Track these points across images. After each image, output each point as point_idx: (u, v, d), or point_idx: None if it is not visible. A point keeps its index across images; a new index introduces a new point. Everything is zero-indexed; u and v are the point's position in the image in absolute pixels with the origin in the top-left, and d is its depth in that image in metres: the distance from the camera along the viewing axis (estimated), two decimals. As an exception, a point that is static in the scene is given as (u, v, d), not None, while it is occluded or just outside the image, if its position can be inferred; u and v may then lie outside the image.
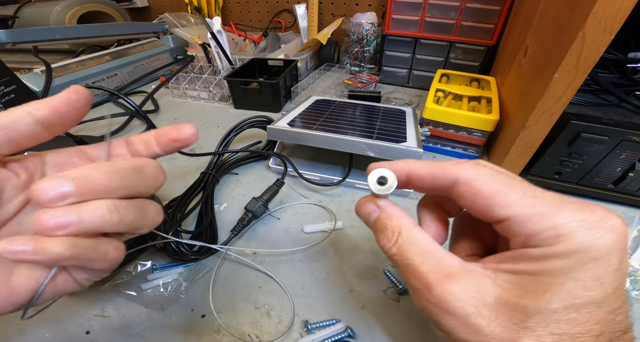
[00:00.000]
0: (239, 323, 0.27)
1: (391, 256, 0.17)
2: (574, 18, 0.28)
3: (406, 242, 0.16)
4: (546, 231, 0.13)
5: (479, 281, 0.14)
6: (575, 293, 0.12)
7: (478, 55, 0.65)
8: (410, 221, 0.17)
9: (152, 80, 0.77)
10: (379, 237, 0.17)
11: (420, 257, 0.15)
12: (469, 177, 0.15)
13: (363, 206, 0.19)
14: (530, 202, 0.14)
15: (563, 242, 0.13)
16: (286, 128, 0.40)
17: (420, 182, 0.17)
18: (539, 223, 0.13)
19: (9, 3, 0.93)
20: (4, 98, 0.38)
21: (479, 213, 0.15)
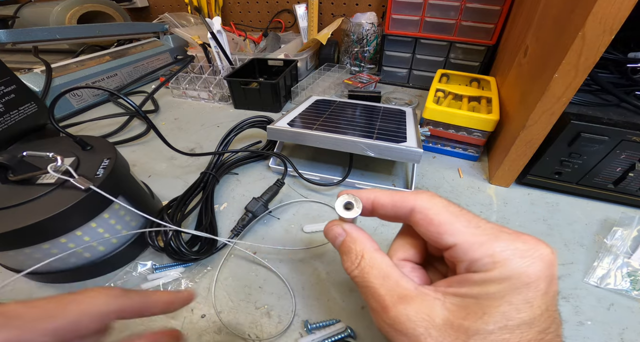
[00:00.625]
0: (239, 323, 0.27)
1: (353, 277, 0.18)
2: (574, 18, 0.28)
3: (368, 265, 0.17)
4: (485, 258, 0.15)
5: (429, 303, 0.15)
6: (509, 315, 0.14)
7: (478, 55, 0.65)
8: (372, 244, 0.18)
9: (152, 80, 0.77)
10: (344, 259, 0.19)
11: (379, 280, 0.17)
12: (423, 206, 0.17)
13: (330, 230, 0.20)
14: (473, 232, 0.16)
15: (498, 269, 0.14)
16: (286, 128, 0.40)
17: (383, 209, 0.19)
18: (478, 251, 0.15)
19: (9, 3, 0.93)
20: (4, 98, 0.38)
21: (431, 239, 0.17)
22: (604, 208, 0.38)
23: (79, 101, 0.62)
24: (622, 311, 0.28)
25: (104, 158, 0.30)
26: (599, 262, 0.31)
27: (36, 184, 0.27)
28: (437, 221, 0.17)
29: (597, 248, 0.33)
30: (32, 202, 0.25)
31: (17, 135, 0.40)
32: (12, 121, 0.38)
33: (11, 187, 0.26)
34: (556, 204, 0.39)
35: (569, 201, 0.40)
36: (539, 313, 0.14)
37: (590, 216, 0.38)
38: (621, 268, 0.30)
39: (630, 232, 0.33)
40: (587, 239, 0.35)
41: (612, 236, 0.33)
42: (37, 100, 0.41)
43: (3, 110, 0.37)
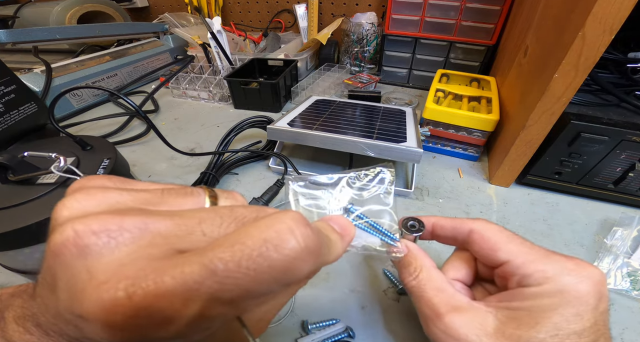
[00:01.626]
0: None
1: (410, 287, 0.20)
2: (574, 18, 0.28)
3: (425, 278, 0.20)
4: (537, 273, 0.17)
5: (482, 315, 0.17)
6: (560, 325, 0.15)
7: (478, 55, 0.65)
8: (431, 262, 0.21)
9: (152, 80, 0.77)
10: (403, 272, 0.21)
11: (434, 291, 0.19)
12: (480, 228, 0.20)
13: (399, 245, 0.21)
14: (526, 251, 0.18)
15: (550, 284, 0.16)
16: (286, 128, 0.40)
17: (442, 231, 0.22)
18: (531, 266, 0.17)
19: (9, 3, 0.93)
20: (4, 98, 0.38)
21: (485, 257, 0.19)
22: (604, 208, 0.38)
23: (79, 101, 0.62)
24: (622, 311, 0.28)
25: (104, 158, 0.30)
26: (599, 263, 0.31)
27: (36, 184, 0.26)
28: (493, 241, 0.19)
29: (597, 248, 0.33)
30: (32, 202, 0.25)
31: (17, 135, 0.40)
32: (12, 121, 0.38)
33: (11, 187, 0.26)
34: (556, 204, 0.39)
35: (569, 201, 0.40)
36: (588, 325, 0.15)
37: (590, 216, 0.38)
38: (621, 268, 0.30)
39: (630, 232, 0.33)
40: (587, 239, 0.35)
41: (612, 236, 0.33)
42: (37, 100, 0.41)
43: (3, 110, 0.37)
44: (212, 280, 0.10)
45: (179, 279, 0.10)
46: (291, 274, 0.11)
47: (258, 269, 0.10)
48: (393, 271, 0.30)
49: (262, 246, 0.11)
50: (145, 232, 0.11)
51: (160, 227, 0.11)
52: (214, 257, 0.10)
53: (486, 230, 0.20)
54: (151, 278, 0.10)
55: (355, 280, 0.30)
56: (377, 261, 0.32)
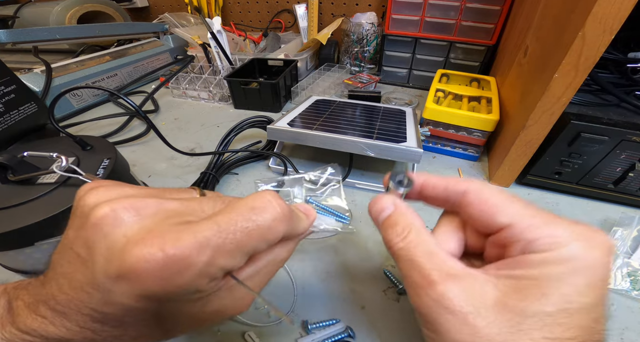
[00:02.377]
0: (239, 323, 0.27)
1: (397, 250, 0.17)
2: (574, 18, 0.28)
3: (414, 240, 0.17)
4: (544, 238, 0.14)
5: (480, 284, 0.15)
6: (570, 298, 0.13)
7: (478, 55, 0.65)
8: (421, 222, 0.18)
9: (152, 80, 0.77)
10: (388, 232, 0.18)
11: (426, 255, 0.16)
12: (477, 188, 0.17)
13: (377, 202, 0.19)
14: (530, 213, 0.15)
15: (559, 250, 0.14)
16: (286, 128, 0.40)
17: (433, 190, 0.19)
18: (538, 231, 0.15)
19: (9, 3, 0.93)
20: (4, 98, 0.38)
21: (482, 221, 0.17)
22: (604, 208, 0.38)
23: (79, 101, 0.62)
24: (622, 311, 0.28)
25: (104, 158, 0.30)
26: (599, 262, 0.31)
27: (36, 183, 0.26)
28: (492, 202, 0.16)
29: (597, 248, 0.33)
30: (32, 202, 0.25)
31: (17, 135, 0.40)
32: (12, 121, 0.38)
33: (11, 187, 0.26)
34: (556, 204, 0.39)
35: (569, 201, 0.40)
36: (598, 299, 0.13)
37: (590, 216, 0.38)
38: (621, 268, 0.30)
39: (630, 232, 0.33)
40: (587, 239, 0.34)
41: (612, 236, 0.33)
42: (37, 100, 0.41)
43: (3, 110, 0.37)
44: (217, 236, 0.13)
45: (194, 236, 0.13)
46: (272, 232, 0.15)
47: (249, 227, 0.14)
48: (393, 271, 0.30)
49: (250, 211, 0.15)
50: (162, 209, 0.14)
51: (171, 206, 0.15)
52: (217, 220, 0.14)
53: (484, 190, 0.17)
54: (174, 236, 0.13)
55: (355, 280, 0.30)
56: (377, 261, 0.32)
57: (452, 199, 0.18)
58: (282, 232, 0.16)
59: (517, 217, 0.15)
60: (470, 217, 0.17)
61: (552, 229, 0.15)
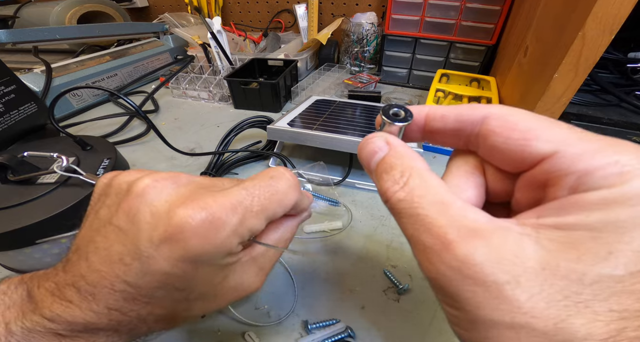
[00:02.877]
0: (239, 323, 0.27)
1: (396, 202, 0.12)
2: (574, 18, 0.28)
3: (418, 186, 0.12)
4: (608, 167, 0.10)
5: (515, 240, 0.10)
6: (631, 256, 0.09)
7: (478, 55, 0.65)
8: (425, 164, 0.13)
9: (152, 80, 0.77)
10: (383, 179, 0.13)
11: (436, 207, 0.11)
12: (502, 112, 0.13)
13: (368, 142, 0.15)
14: (580, 137, 0.11)
15: (629, 183, 0.09)
16: (286, 128, 0.40)
17: (442, 121, 0.14)
18: (595, 158, 0.10)
19: (9, 3, 0.93)
20: (4, 98, 0.38)
21: (513, 151, 0.12)
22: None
23: (79, 101, 0.62)
24: (622, 311, 0.28)
25: (104, 158, 0.30)
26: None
27: (36, 183, 0.27)
28: (524, 126, 0.12)
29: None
30: (32, 202, 0.25)
31: (17, 135, 0.40)
32: (12, 121, 0.38)
33: (11, 187, 0.26)
34: (556, 204, 0.39)
35: (569, 201, 0.40)
36: None
37: (590, 215, 0.37)
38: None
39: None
40: (587, 239, 0.34)
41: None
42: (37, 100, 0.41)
43: (3, 110, 0.37)
44: (246, 199, 0.16)
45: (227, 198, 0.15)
46: (288, 198, 0.18)
47: (270, 192, 0.17)
48: (393, 271, 0.30)
49: (270, 180, 0.17)
50: (193, 181, 0.17)
51: (199, 179, 0.17)
52: (244, 185, 0.16)
53: (511, 113, 0.12)
54: (211, 199, 0.15)
55: (355, 280, 0.30)
56: (377, 261, 0.32)
57: (468, 130, 0.14)
58: (294, 200, 0.18)
59: (563, 142, 0.11)
60: (494, 150, 0.13)
61: (617, 154, 0.10)
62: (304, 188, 0.37)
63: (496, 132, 0.12)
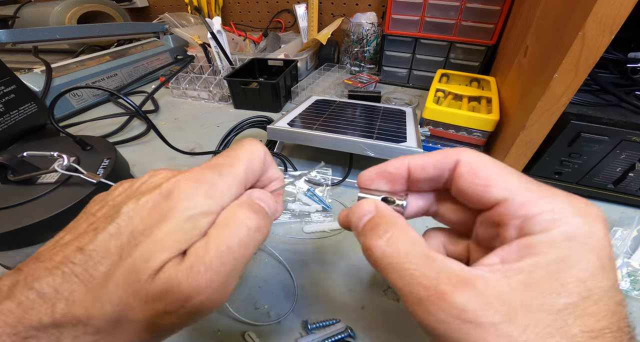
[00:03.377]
0: (239, 323, 0.27)
1: (381, 257, 0.14)
2: (574, 18, 0.28)
3: (402, 241, 0.14)
4: (544, 214, 0.13)
5: (495, 285, 0.12)
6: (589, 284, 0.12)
7: (478, 55, 0.65)
8: (406, 223, 0.15)
9: (152, 80, 0.77)
10: (368, 236, 0.15)
11: (422, 260, 0.13)
12: (470, 159, 0.15)
13: (359, 207, 0.17)
14: (526, 187, 0.14)
15: (560, 228, 0.12)
16: (286, 128, 0.40)
17: (422, 171, 0.17)
18: (535, 206, 0.13)
19: (9, 3, 0.93)
20: (4, 98, 0.38)
21: (474, 195, 0.15)
22: (604, 208, 0.38)
23: (79, 101, 0.62)
24: (622, 311, 0.28)
25: (104, 158, 0.30)
26: (599, 262, 0.31)
27: (36, 183, 0.27)
28: (485, 174, 0.14)
29: (597, 248, 0.33)
30: (32, 202, 0.25)
31: (17, 135, 0.40)
32: (12, 121, 0.38)
33: (11, 187, 0.26)
34: (556, 204, 0.39)
35: (569, 201, 0.40)
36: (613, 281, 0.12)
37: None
38: (621, 268, 0.30)
39: (630, 232, 0.33)
40: (587, 239, 0.34)
41: (612, 236, 0.33)
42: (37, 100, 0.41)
43: (3, 110, 0.37)
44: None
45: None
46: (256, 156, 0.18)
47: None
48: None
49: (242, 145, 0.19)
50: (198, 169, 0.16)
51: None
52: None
53: (477, 160, 0.15)
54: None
55: (355, 280, 0.30)
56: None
57: (445, 175, 0.16)
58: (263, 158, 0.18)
59: (514, 191, 0.14)
60: (462, 191, 0.15)
61: (551, 203, 0.13)
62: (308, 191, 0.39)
63: (463, 177, 0.15)
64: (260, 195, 0.18)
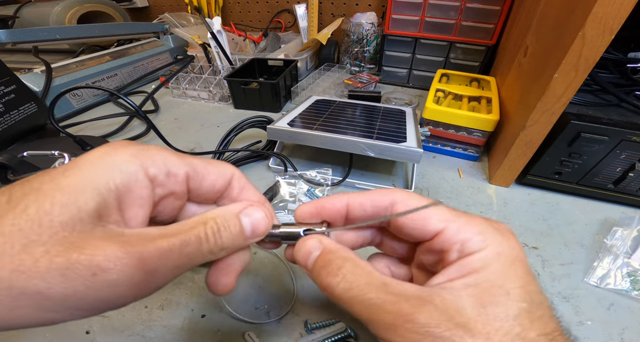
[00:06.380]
0: (239, 323, 0.27)
1: (341, 292, 0.14)
2: (574, 18, 0.28)
3: (357, 275, 0.15)
4: (475, 236, 0.15)
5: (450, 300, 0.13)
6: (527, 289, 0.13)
7: (478, 55, 0.65)
8: (355, 254, 0.16)
9: (152, 80, 0.77)
10: (323, 274, 0.15)
11: (380, 288, 0.14)
12: (403, 198, 0.17)
13: (304, 244, 0.17)
14: (455, 214, 0.16)
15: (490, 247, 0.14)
16: (286, 128, 0.40)
17: (361, 208, 0.18)
18: (468, 231, 0.15)
19: (9, 3, 0.93)
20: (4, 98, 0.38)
21: (414, 229, 0.16)
22: (604, 208, 0.38)
23: (79, 101, 0.62)
24: (622, 311, 0.28)
25: (104, 158, 0.30)
26: (599, 262, 0.31)
27: (36, 184, 0.26)
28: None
29: (597, 248, 0.33)
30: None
31: (17, 135, 0.40)
32: (12, 121, 0.38)
33: (11, 187, 0.26)
34: (556, 204, 0.39)
35: (569, 201, 0.40)
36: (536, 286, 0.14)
37: (590, 216, 0.38)
38: (621, 268, 0.30)
39: (630, 232, 0.33)
40: (587, 239, 0.35)
41: (612, 236, 0.33)
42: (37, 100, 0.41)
43: (3, 110, 0.37)
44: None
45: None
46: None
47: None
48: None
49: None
50: None
51: None
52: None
53: (410, 199, 0.17)
54: None
55: (355, 280, 0.30)
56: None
57: (380, 214, 0.18)
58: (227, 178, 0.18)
59: (448, 220, 0.16)
60: (402, 227, 0.17)
61: (477, 226, 0.15)
62: (309, 191, 0.39)
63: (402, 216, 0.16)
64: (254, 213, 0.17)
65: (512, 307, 0.13)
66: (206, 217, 0.15)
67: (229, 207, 0.17)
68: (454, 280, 0.14)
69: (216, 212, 0.16)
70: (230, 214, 0.16)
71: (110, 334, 0.26)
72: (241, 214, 0.16)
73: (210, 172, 0.17)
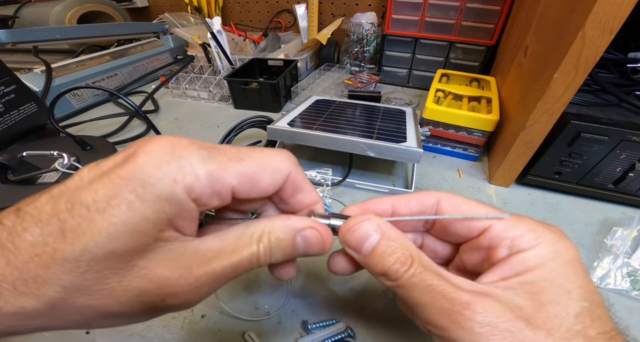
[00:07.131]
0: (239, 323, 0.27)
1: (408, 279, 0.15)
2: (574, 18, 0.28)
3: (422, 264, 0.15)
4: (527, 234, 0.15)
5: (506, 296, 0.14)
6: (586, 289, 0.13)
7: (478, 55, 0.65)
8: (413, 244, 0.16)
9: (152, 80, 0.77)
10: (388, 261, 0.15)
11: (438, 277, 0.14)
12: (448, 197, 0.18)
13: (359, 227, 0.16)
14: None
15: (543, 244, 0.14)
16: (286, 128, 0.40)
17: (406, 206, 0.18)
18: (518, 227, 0.15)
19: (9, 3, 0.93)
20: (4, 98, 0.38)
21: (461, 227, 0.17)
22: (604, 208, 0.38)
23: (79, 101, 0.62)
24: (622, 311, 0.28)
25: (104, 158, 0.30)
26: (599, 262, 0.31)
27: (36, 183, 0.27)
28: (466, 207, 0.17)
29: (597, 248, 0.33)
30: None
31: (17, 135, 0.40)
32: (12, 121, 0.38)
33: (11, 187, 0.26)
34: (556, 204, 0.39)
35: (569, 201, 0.40)
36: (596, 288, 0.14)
37: (590, 216, 0.38)
38: (621, 268, 0.30)
39: (630, 232, 0.33)
40: (587, 239, 0.35)
41: (612, 236, 0.33)
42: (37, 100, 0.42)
43: (3, 110, 0.37)
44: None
45: None
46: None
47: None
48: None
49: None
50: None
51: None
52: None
53: (454, 198, 0.17)
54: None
55: (355, 280, 0.30)
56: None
57: (427, 212, 0.18)
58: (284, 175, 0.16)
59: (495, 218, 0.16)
60: (448, 224, 0.17)
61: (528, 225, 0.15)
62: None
63: (447, 212, 0.17)
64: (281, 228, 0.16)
65: (573, 305, 0.13)
66: (260, 231, 0.15)
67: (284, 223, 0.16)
68: (507, 278, 0.14)
69: (270, 226, 0.15)
70: (286, 233, 0.15)
71: (110, 334, 0.26)
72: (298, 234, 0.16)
73: (261, 180, 0.15)
